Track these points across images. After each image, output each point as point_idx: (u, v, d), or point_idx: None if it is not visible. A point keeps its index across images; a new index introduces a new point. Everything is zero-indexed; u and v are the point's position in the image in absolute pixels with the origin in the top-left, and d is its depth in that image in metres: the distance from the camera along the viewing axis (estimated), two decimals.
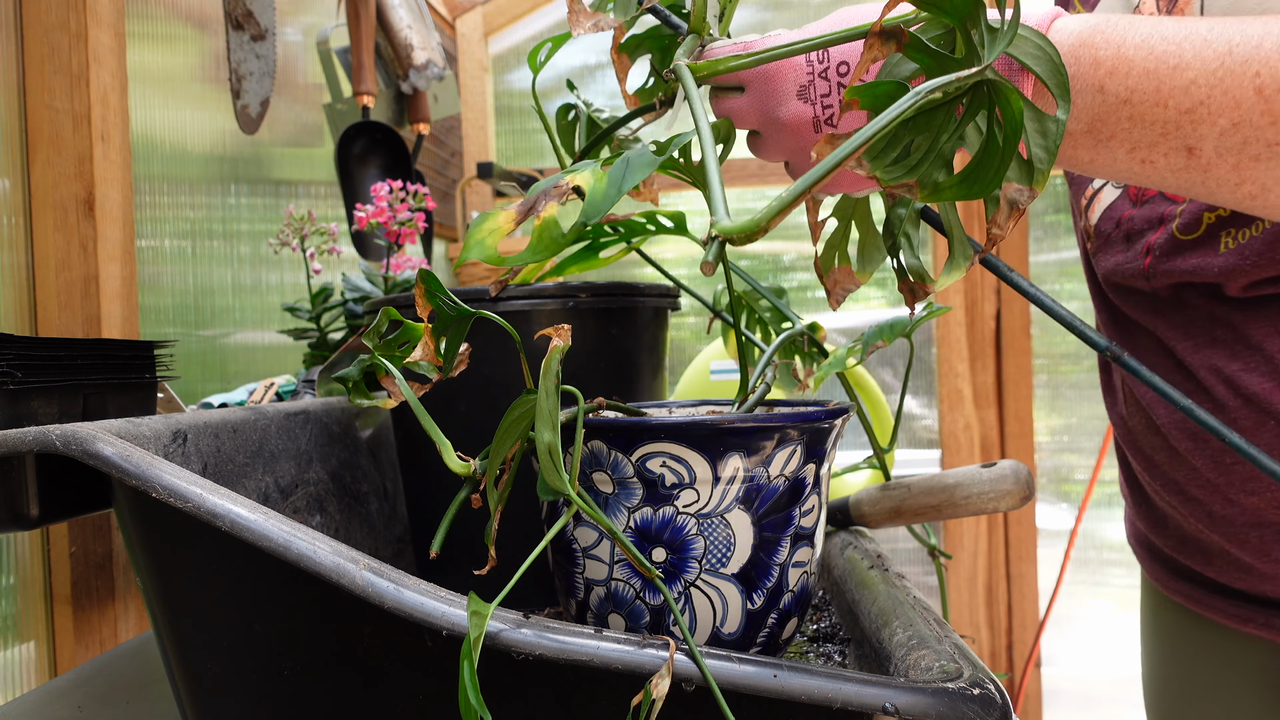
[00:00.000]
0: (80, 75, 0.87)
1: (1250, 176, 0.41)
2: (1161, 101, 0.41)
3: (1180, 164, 0.42)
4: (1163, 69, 0.41)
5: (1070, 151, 0.45)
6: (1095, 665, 2.03)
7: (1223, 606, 0.62)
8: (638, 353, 0.74)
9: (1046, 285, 2.03)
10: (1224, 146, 0.40)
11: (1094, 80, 0.42)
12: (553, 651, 0.40)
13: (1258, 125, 0.39)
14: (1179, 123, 0.41)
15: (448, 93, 1.62)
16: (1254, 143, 0.39)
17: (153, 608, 0.47)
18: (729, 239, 0.35)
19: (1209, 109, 0.40)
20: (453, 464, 0.48)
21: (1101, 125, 0.43)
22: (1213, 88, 0.40)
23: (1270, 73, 0.38)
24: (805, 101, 0.47)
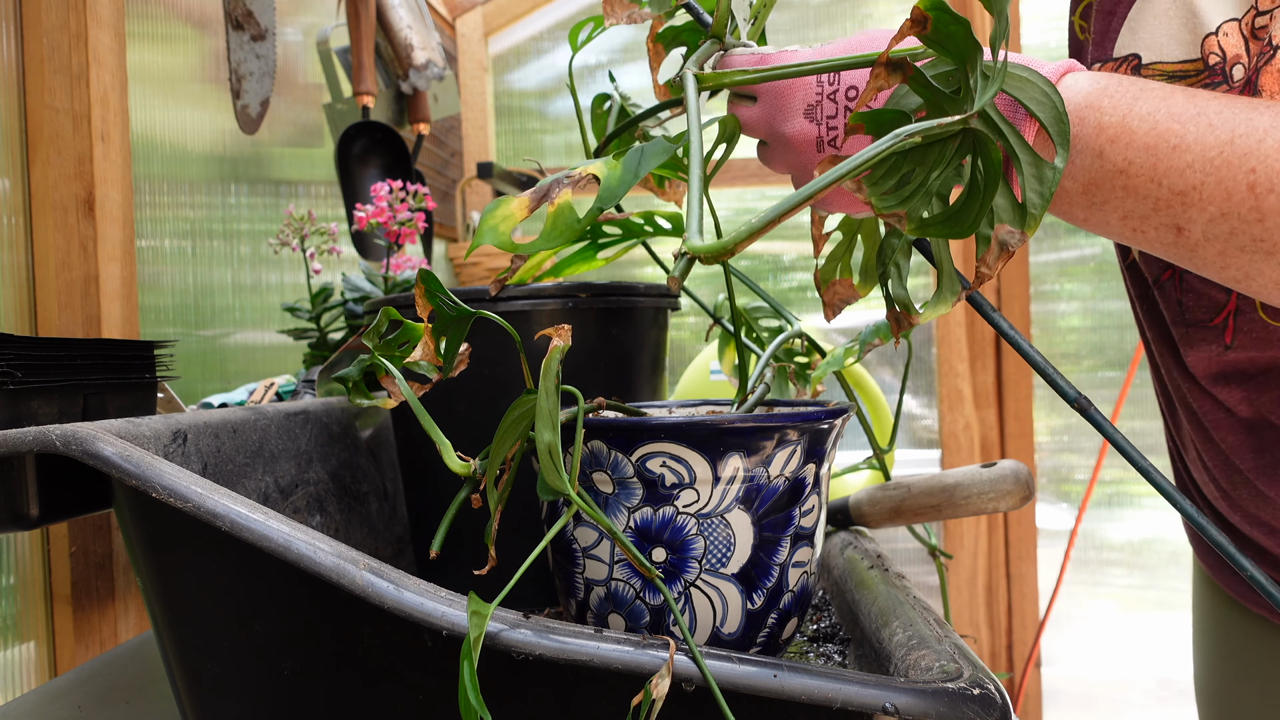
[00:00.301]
0: (80, 75, 0.87)
1: (1234, 263, 0.41)
2: (1156, 179, 0.41)
3: (1170, 239, 0.42)
4: (1162, 146, 0.41)
5: (1065, 208, 0.45)
6: (1095, 665, 2.03)
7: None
8: (638, 353, 0.74)
9: (1046, 285, 2.03)
10: (1211, 233, 0.40)
11: (1095, 144, 0.42)
12: (553, 651, 0.40)
13: (1245, 219, 0.39)
14: (1170, 202, 0.41)
15: (448, 93, 1.62)
16: (1240, 235, 0.39)
17: (153, 608, 0.47)
18: (697, 257, 0.36)
19: (1200, 195, 0.40)
20: (453, 464, 0.48)
21: (1096, 189, 0.43)
22: (1208, 175, 0.40)
23: (1265, 170, 0.38)
24: (811, 120, 0.48)
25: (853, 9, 2.07)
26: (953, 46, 0.38)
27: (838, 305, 0.50)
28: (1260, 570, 0.42)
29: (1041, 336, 2.01)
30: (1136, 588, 2.00)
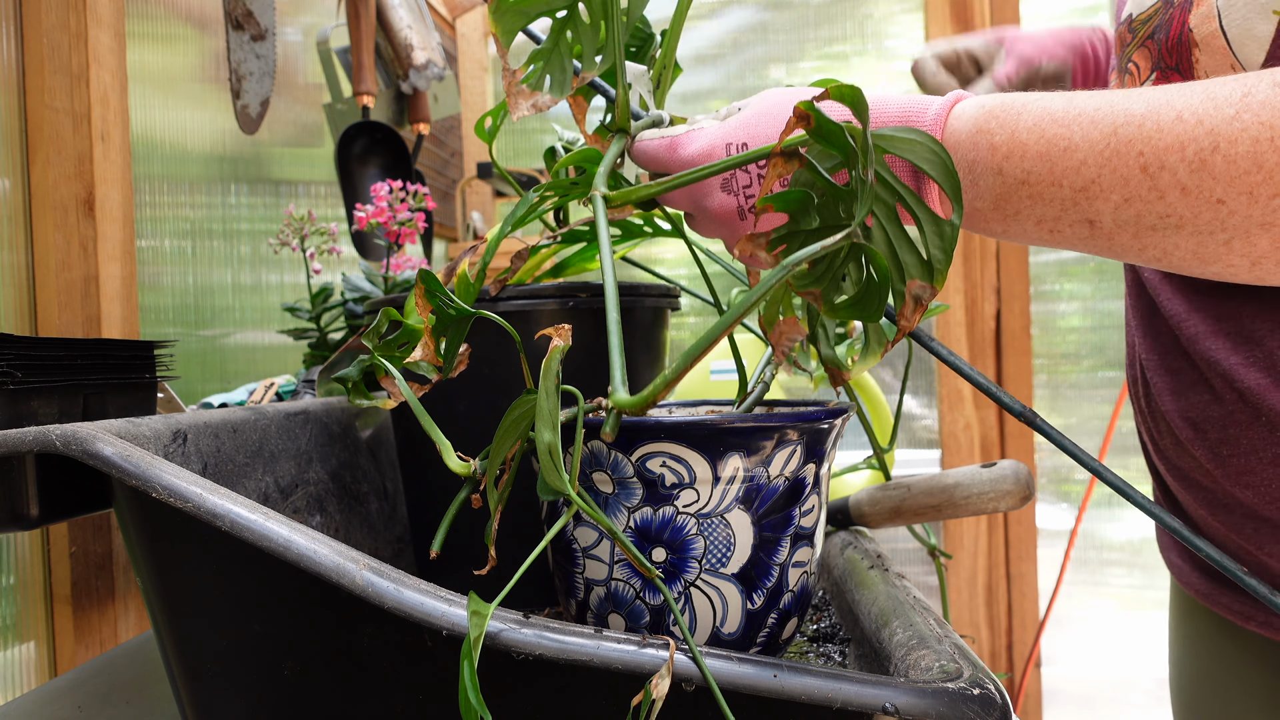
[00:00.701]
0: (80, 75, 0.87)
1: (1150, 244, 0.43)
2: (1056, 181, 0.43)
3: (1085, 234, 0.44)
4: (1054, 151, 0.43)
5: (983, 225, 0.47)
6: (1095, 665, 2.03)
7: (1228, 602, 0.62)
8: (638, 353, 0.74)
9: (1046, 285, 2.03)
10: (1120, 219, 0.42)
11: (992, 163, 0.45)
12: (553, 651, 0.40)
13: (1147, 200, 0.41)
14: (1075, 200, 0.43)
15: (448, 93, 1.62)
16: (1147, 215, 0.42)
17: (153, 608, 0.47)
18: (623, 410, 0.41)
19: (1100, 187, 0.42)
20: (453, 464, 0.48)
21: (1005, 203, 0.45)
22: (1101, 167, 0.42)
23: (1153, 151, 0.40)
24: (729, 193, 0.51)
25: (853, 9, 2.07)
26: (834, 143, 0.41)
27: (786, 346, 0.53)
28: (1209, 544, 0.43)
29: (1041, 336, 2.01)
30: (1136, 588, 2.00)
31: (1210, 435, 0.57)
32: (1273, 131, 0.38)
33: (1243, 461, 0.55)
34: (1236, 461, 0.56)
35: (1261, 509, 0.55)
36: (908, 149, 0.43)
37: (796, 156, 0.42)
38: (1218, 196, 0.40)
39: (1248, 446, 0.55)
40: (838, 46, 2.09)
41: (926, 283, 0.44)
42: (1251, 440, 0.55)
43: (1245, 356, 0.54)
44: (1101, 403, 1.99)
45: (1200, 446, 0.58)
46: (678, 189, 0.51)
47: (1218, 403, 0.56)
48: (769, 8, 2.10)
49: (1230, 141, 0.39)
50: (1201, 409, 0.57)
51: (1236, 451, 0.55)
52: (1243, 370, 0.54)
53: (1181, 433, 0.59)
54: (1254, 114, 0.39)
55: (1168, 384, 0.60)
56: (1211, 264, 0.43)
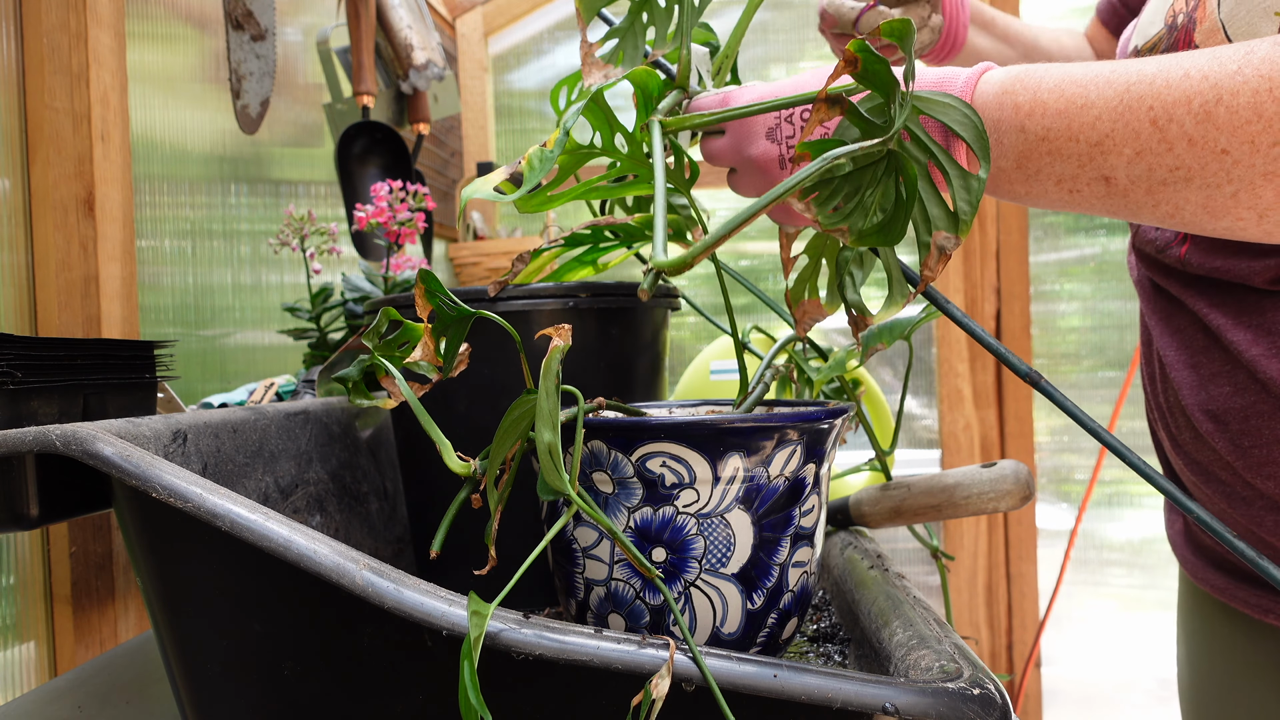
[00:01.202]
0: (80, 75, 0.87)
1: (1163, 199, 0.45)
2: (1074, 136, 0.46)
3: (1102, 191, 0.46)
4: (1072, 108, 0.46)
5: (1007, 186, 0.50)
6: (1095, 665, 2.03)
7: (1246, 597, 0.63)
8: (638, 353, 0.74)
9: (1046, 285, 2.03)
10: (1134, 174, 0.45)
11: (1015, 122, 0.48)
12: (553, 651, 0.40)
13: (1157, 153, 0.43)
14: (1091, 155, 0.45)
15: (448, 93, 1.62)
16: (1158, 169, 0.44)
17: (153, 608, 0.47)
18: (662, 271, 0.43)
19: (1114, 140, 0.44)
20: (453, 464, 0.48)
21: (1027, 161, 0.48)
22: (1114, 121, 0.44)
23: (1162, 105, 0.43)
24: (773, 141, 0.54)
25: None
26: (878, 82, 0.43)
27: (808, 323, 0.56)
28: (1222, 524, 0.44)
29: (1041, 336, 2.01)
30: (1136, 588, 2.00)
31: (1232, 427, 0.58)
32: (1271, 84, 0.40)
33: (1264, 452, 0.57)
34: (1258, 452, 0.57)
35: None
36: (942, 111, 0.45)
37: (840, 102, 0.44)
38: (1222, 146, 0.42)
39: (1270, 437, 0.56)
40: None
41: (952, 233, 0.46)
42: (1274, 431, 0.56)
43: (1267, 348, 0.56)
44: (1101, 403, 1.99)
45: (1221, 439, 0.59)
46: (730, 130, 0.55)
47: (1239, 394, 0.58)
48: (769, 8, 2.10)
49: (1232, 93, 0.41)
50: (1223, 401, 0.59)
51: (1258, 443, 0.57)
52: (1264, 361, 0.56)
53: (1202, 426, 0.61)
54: (1254, 68, 0.41)
55: (1188, 378, 0.62)
56: (1221, 218, 0.44)
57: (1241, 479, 0.59)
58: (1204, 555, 0.68)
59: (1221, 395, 0.59)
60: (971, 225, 0.45)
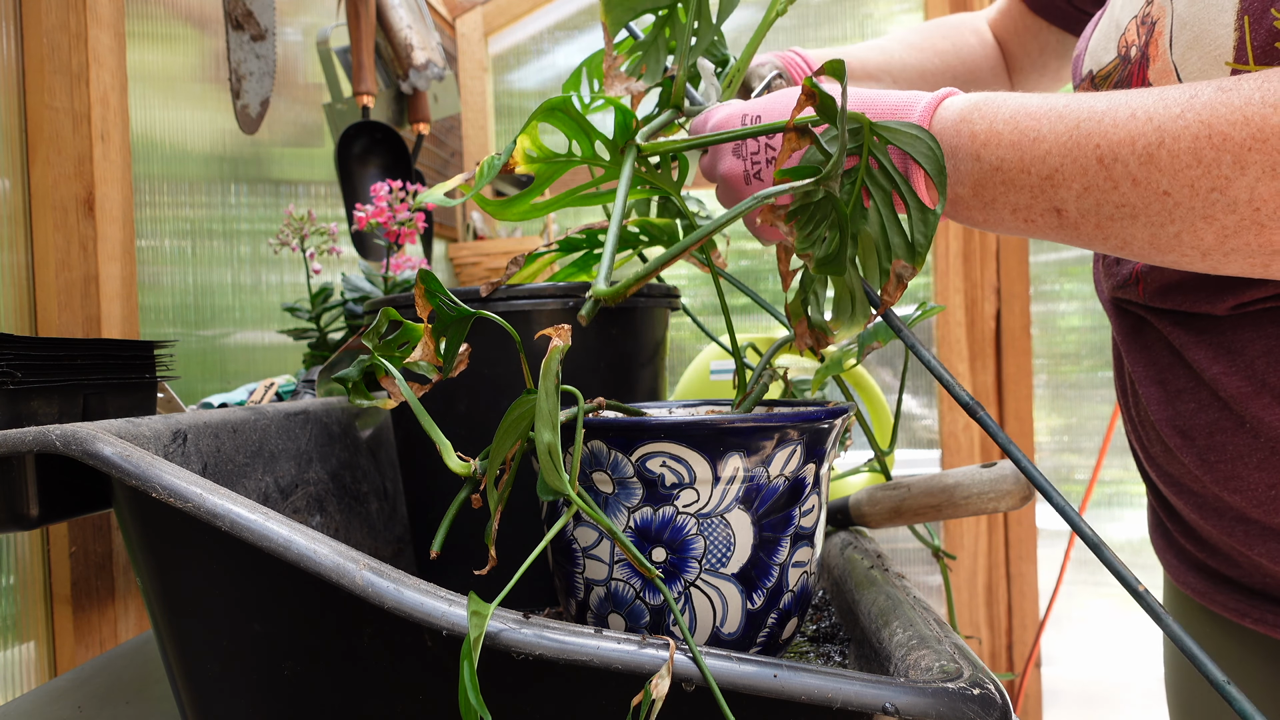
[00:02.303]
0: (80, 75, 0.87)
1: (1112, 232, 0.46)
2: (1025, 169, 0.47)
3: (1054, 223, 0.47)
4: (1024, 141, 0.47)
5: (965, 213, 0.51)
6: (1095, 665, 2.03)
7: (1224, 600, 0.63)
8: (638, 353, 0.74)
9: (1046, 285, 2.02)
10: (1083, 208, 0.45)
11: (971, 150, 0.49)
12: (553, 651, 0.40)
13: (1104, 190, 0.44)
14: (1042, 187, 0.46)
15: (448, 93, 1.62)
16: (1105, 205, 0.45)
17: (153, 608, 0.47)
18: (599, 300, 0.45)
19: (1063, 175, 0.45)
20: (453, 464, 0.48)
21: (983, 189, 0.49)
22: (1063, 157, 0.45)
23: (1108, 144, 0.44)
24: (738, 157, 0.57)
25: (853, 9, 2.07)
26: (829, 113, 0.46)
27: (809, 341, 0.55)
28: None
29: (1041, 336, 2.01)
30: None
31: (1198, 442, 0.58)
32: (1210, 130, 0.41)
33: (1229, 467, 0.57)
34: (1223, 467, 0.57)
35: (1250, 511, 0.56)
36: (909, 142, 0.47)
37: (809, 133, 0.46)
38: (1164, 188, 0.42)
39: (1233, 453, 0.56)
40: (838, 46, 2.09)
41: (909, 264, 0.48)
42: (1236, 447, 0.56)
43: (1227, 366, 0.56)
44: (1101, 403, 1.99)
45: (1189, 453, 0.59)
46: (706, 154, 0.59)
47: (1203, 410, 0.58)
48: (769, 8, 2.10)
49: (1174, 137, 0.42)
50: (1189, 417, 0.59)
51: (1223, 458, 0.57)
52: (1225, 379, 0.56)
53: (1170, 440, 0.61)
54: (1196, 113, 0.41)
55: (1155, 394, 0.62)
56: (1167, 253, 0.45)
57: (1210, 491, 0.59)
58: (1184, 558, 0.68)
59: (1187, 411, 0.59)
60: (926, 256, 0.47)
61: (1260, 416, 0.54)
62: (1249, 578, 0.60)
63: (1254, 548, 0.57)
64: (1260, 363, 0.54)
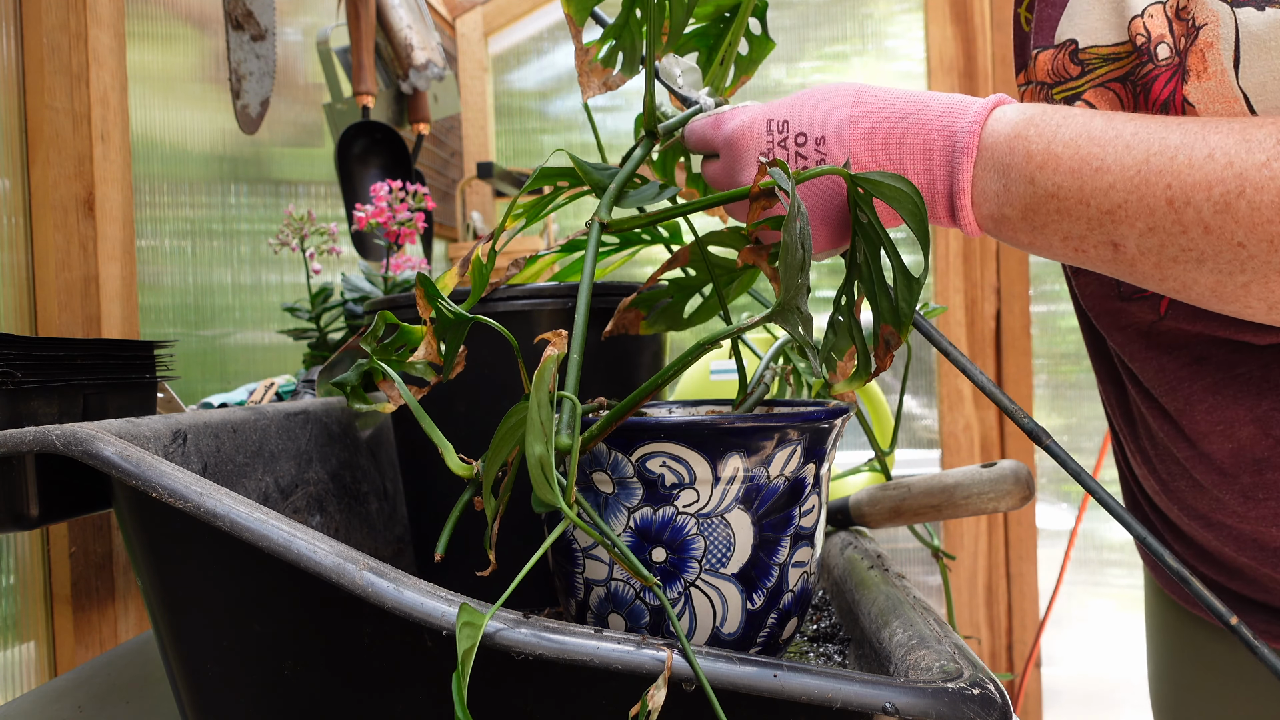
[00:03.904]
0: (80, 75, 0.87)
1: (1171, 275, 0.43)
2: (1085, 200, 0.43)
3: (1109, 256, 0.44)
4: (1086, 170, 0.43)
5: (1011, 234, 0.47)
6: (1095, 665, 2.03)
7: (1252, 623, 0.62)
8: (638, 353, 0.74)
9: (1046, 285, 2.03)
10: (1144, 247, 0.43)
11: (1026, 172, 0.45)
12: (552, 651, 0.40)
13: (1170, 232, 0.41)
14: (1101, 221, 0.43)
15: (448, 93, 1.62)
16: (1169, 246, 0.42)
17: (153, 608, 0.47)
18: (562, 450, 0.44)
19: (1126, 212, 0.42)
20: (455, 466, 0.48)
21: (1034, 214, 0.45)
22: (1129, 194, 0.42)
23: (1181, 186, 0.40)
24: None
25: (853, 9, 2.07)
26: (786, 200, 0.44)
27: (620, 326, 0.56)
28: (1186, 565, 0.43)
29: (1041, 336, 2.01)
30: (1136, 588, 2.00)
31: (1242, 480, 0.55)
32: None
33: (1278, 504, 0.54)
34: (1272, 504, 0.54)
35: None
36: (894, 197, 0.44)
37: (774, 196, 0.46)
38: (1239, 240, 0.40)
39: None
40: (838, 46, 2.09)
41: (894, 330, 0.47)
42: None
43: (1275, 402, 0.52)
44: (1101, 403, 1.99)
45: (1229, 490, 0.56)
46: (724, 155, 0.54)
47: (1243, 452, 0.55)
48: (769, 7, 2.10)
49: (1257, 188, 0.39)
50: (1229, 457, 0.55)
51: (1273, 495, 0.54)
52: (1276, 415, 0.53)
53: (1205, 478, 0.57)
54: None
55: (1182, 435, 0.58)
56: (1230, 303, 0.43)
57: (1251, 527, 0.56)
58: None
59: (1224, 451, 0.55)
60: (910, 326, 0.47)
61: None
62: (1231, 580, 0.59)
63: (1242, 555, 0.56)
64: None
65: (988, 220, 0.48)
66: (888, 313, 0.47)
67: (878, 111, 0.50)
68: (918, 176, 0.49)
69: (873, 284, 0.47)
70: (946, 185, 0.48)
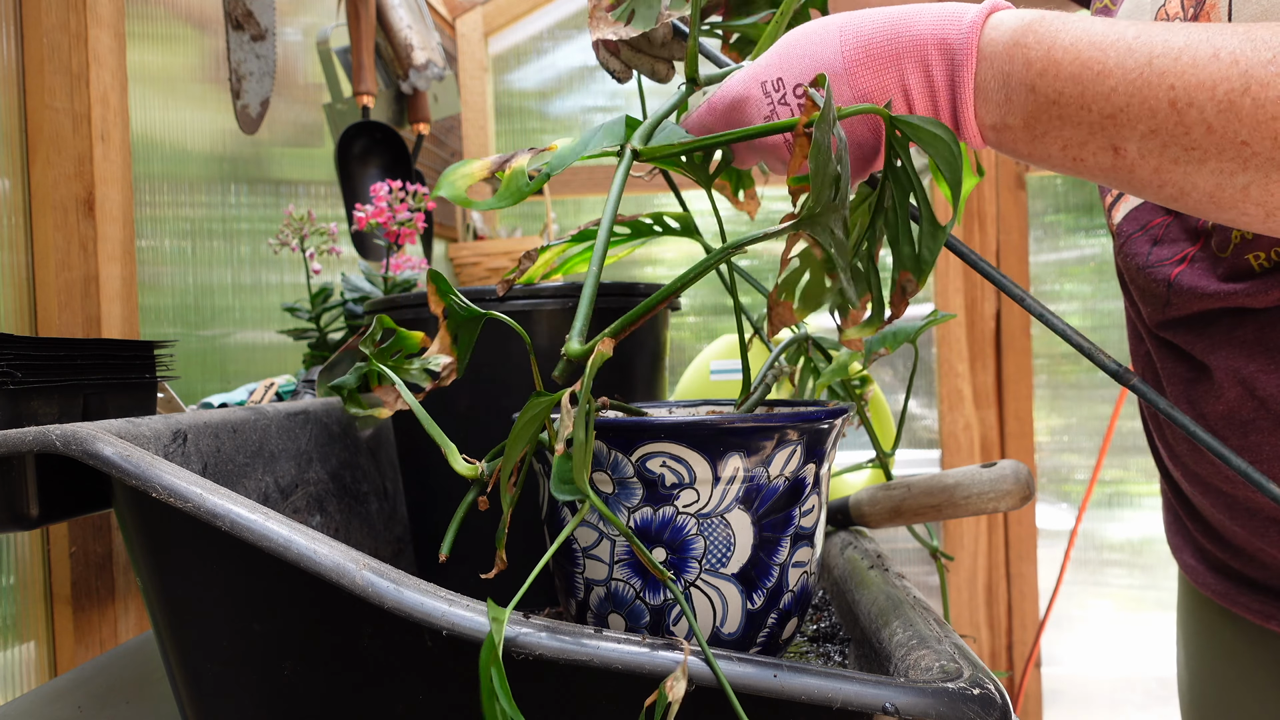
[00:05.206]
0: (80, 75, 0.87)
1: (1170, 179, 0.43)
2: (1086, 105, 0.43)
3: (1108, 162, 0.44)
4: (1086, 74, 0.43)
5: (1012, 142, 0.47)
6: (1095, 665, 2.03)
7: (1248, 602, 0.62)
8: (638, 353, 0.74)
9: (1046, 285, 2.03)
10: (1145, 149, 0.42)
11: (1026, 79, 0.44)
12: (554, 651, 0.40)
13: (1172, 134, 0.41)
14: (1103, 125, 0.43)
15: (448, 93, 1.62)
16: (1171, 148, 0.41)
17: (153, 608, 0.47)
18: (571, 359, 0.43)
19: (1128, 115, 0.42)
20: (459, 467, 0.48)
21: (1035, 122, 0.45)
22: (1131, 96, 0.42)
23: (1184, 86, 0.40)
24: None
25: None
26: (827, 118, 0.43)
27: (777, 324, 0.55)
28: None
29: (1042, 336, 2.01)
30: (1136, 588, 2.00)
31: (1231, 443, 0.56)
32: None
33: (1266, 468, 0.55)
34: (1260, 468, 0.55)
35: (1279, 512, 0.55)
36: (929, 141, 0.44)
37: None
38: (1242, 138, 0.40)
39: (1270, 453, 0.54)
40: None
41: (914, 277, 0.46)
42: (1274, 446, 0.54)
43: (1264, 364, 0.54)
44: (1101, 403, 1.99)
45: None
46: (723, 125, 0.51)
47: (1235, 412, 0.56)
48: None
49: (1262, 85, 0.39)
50: (1222, 417, 0.57)
51: (1259, 459, 0.55)
52: (1262, 377, 0.54)
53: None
54: None
55: (1184, 393, 0.60)
56: (1227, 209, 0.43)
57: (1243, 492, 0.57)
58: (1204, 559, 0.67)
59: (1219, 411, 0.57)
60: (930, 273, 0.45)
61: None
62: (1276, 580, 0.59)
63: None
64: None
65: (990, 131, 0.47)
66: (909, 259, 0.46)
67: (868, 38, 0.48)
68: (920, 94, 0.48)
69: (897, 228, 0.46)
70: (949, 98, 0.47)
